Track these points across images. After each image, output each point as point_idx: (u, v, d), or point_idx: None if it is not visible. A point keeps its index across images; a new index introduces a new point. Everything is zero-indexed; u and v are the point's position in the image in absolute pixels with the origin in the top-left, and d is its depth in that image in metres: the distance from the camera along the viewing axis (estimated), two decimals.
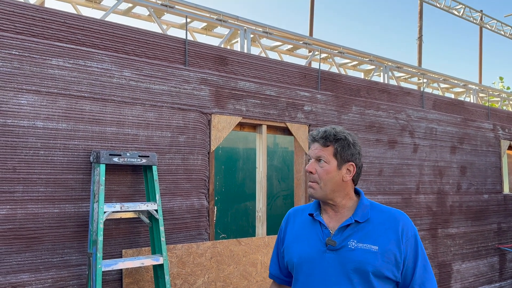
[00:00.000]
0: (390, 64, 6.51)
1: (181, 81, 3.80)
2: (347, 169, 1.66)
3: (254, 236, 4.51)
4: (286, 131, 4.68)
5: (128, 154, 3.17)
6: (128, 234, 3.38)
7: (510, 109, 9.17)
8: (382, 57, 6.37)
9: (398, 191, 5.61)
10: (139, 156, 3.21)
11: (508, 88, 20.09)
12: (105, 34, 3.41)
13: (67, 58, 3.20)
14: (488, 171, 7.02)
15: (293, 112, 4.62)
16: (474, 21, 9.80)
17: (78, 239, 3.15)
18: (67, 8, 4.94)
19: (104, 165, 3.05)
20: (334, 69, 6.27)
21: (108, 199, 3.27)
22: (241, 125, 4.36)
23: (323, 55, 6.10)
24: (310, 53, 5.98)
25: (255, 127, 4.48)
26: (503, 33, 10.08)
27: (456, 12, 9.35)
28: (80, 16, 3.36)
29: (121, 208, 3.07)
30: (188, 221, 3.72)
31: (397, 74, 6.97)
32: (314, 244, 1.66)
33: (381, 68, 6.40)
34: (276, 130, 4.64)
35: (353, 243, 1.59)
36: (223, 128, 4.05)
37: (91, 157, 3.18)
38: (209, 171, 3.91)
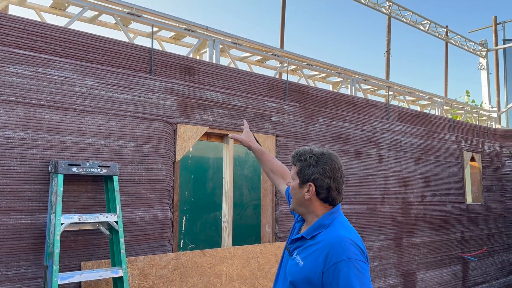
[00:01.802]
0: (358, 76, 6.65)
1: (146, 90, 3.77)
2: (307, 188, 1.75)
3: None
4: None
5: (88, 164, 3.12)
6: (87, 246, 3.30)
7: (473, 122, 9.51)
8: (349, 70, 6.51)
9: (364, 201, 5.71)
10: (99, 166, 3.16)
11: (473, 101, 20.83)
12: (67, 41, 3.36)
13: (26, 66, 3.13)
14: (451, 181, 7.23)
15: (260, 122, 4.65)
16: (440, 36, 10.14)
17: (34, 251, 3.05)
18: (31, 15, 4.84)
19: (62, 175, 2.98)
20: (303, 81, 6.36)
21: (67, 210, 3.19)
22: (208, 135, 4.35)
23: (292, 67, 6.18)
24: (280, 65, 6.05)
25: (222, 137, 4.48)
26: (466, 48, 10.46)
27: (422, 27, 9.65)
28: (41, 23, 3.29)
29: (79, 220, 3.00)
30: (151, 232, 3.66)
31: (364, 86, 7.12)
32: (286, 249, 1.88)
33: (349, 80, 6.54)
34: None
35: (295, 254, 1.76)
36: (189, 138, 4.04)
37: (49, 167, 3.11)
38: (174, 181, 3.88)
